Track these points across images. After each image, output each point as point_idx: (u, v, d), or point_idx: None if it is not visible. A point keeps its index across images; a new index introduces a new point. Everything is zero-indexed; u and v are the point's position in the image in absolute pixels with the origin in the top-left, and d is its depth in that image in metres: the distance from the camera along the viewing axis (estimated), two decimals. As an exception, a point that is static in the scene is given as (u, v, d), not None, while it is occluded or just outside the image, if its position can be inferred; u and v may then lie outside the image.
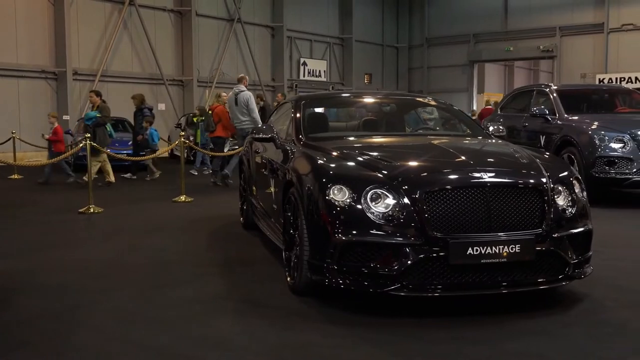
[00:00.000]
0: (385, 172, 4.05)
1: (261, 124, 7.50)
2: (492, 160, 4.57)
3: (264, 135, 5.58)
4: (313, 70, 27.91)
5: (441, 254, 3.74)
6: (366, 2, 30.33)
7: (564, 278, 4.02)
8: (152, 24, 21.62)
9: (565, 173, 4.33)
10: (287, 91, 25.86)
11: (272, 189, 5.40)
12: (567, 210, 4.09)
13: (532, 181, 4.04)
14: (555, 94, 9.98)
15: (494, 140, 5.32)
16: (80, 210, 8.42)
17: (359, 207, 3.87)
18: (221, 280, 4.92)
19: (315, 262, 4.02)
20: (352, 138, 5.34)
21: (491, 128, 5.72)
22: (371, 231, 3.82)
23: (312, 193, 4.10)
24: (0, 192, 11.53)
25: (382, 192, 3.90)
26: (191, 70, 22.54)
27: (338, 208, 3.91)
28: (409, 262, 3.74)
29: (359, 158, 4.35)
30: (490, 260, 3.76)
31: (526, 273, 3.90)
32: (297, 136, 5.19)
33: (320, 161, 4.37)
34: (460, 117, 6.09)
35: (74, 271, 5.27)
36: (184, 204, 9.35)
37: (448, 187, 3.87)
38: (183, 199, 9.50)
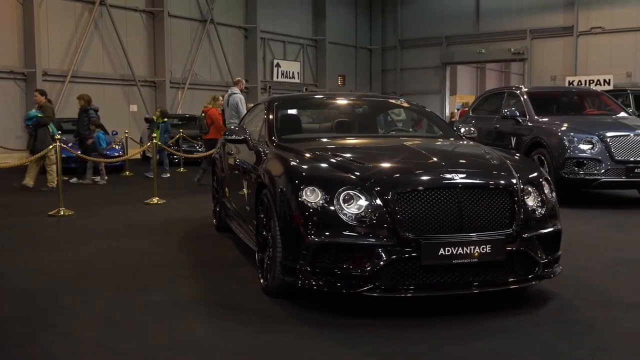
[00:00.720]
0: (358, 173, 4.06)
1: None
2: (463, 161, 4.62)
3: (236, 137, 5.55)
4: (286, 71, 27.91)
5: (413, 254, 3.77)
6: (339, 4, 30.43)
7: (534, 278, 4.08)
8: (124, 24, 21.42)
9: (535, 174, 4.39)
10: (260, 92, 25.83)
11: (245, 190, 5.38)
12: (537, 210, 4.14)
13: (502, 182, 4.08)
14: (525, 96, 10.12)
15: (465, 142, 5.37)
16: (50, 213, 8.30)
17: (332, 208, 3.88)
18: (194, 282, 4.89)
19: (288, 264, 4.02)
20: (325, 140, 5.35)
21: (462, 129, 5.78)
22: (344, 232, 3.83)
23: (285, 194, 4.10)
24: (-32, 194, 11.31)
25: (355, 194, 3.91)
26: (163, 71, 22.38)
27: (311, 209, 3.91)
28: (382, 263, 3.76)
29: (332, 160, 4.36)
30: (462, 261, 3.80)
31: (497, 273, 3.94)
32: (269, 138, 5.18)
33: (292, 163, 4.37)
34: (432, 118, 6.14)
35: (44, 275, 5.19)
36: (156, 206, 9.27)
37: (420, 188, 3.90)
38: (155, 201, 9.42)
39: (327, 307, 4.13)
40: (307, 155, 4.54)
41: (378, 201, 3.86)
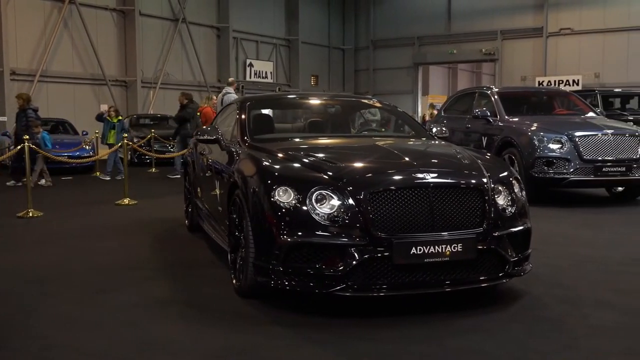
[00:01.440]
0: (331, 173, 4.07)
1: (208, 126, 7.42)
2: (435, 161, 4.65)
3: (208, 137, 5.52)
4: (259, 71, 27.83)
5: (385, 254, 3.78)
6: (312, 4, 30.44)
7: (504, 276, 4.12)
8: (94, 23, 21.15)
9: (505, 173, 4.44)
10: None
11: (217, 190, 5.35)
12: (507, 209, 4.19)
13: (473, 181, 4.12)
14: (496, 96, 10.23)
15: (437, 142, 5.41)
16: (19, 215, 8.16)
17: (304, 208, 3.88)
18: (165, 283, 4.85)
19: (261, 264, 4.01)
20: (297, 139, 5.34)
21: (434, 129, 5.82)
22: (316, 232, 3.83)
23: (257, 195, 4.09)
24: None
25: (327, 193, 3.92)
26: (135, 70, 22.15)
27: (283, 209, 3.91)
28: (354, 263, 3.77)
29: (304, 159, 4.36)
30: (434, 260, 3.83)
31: (468, 271, 3.97)
32: (242, 138, 5.16)
33: (265, 163, 4.36)
34: (404, 118, 6.18)
35: (12, 277, 5.10)
36: (127, 207, 9.17)
37: (392, 187, 3.92)
38: (127, 202, 9.32)
39: (299, 307, 4.13)
40: (280, 155, 4.53)
41: (350, 201, 3.87)
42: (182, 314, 4.09)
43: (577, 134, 8.64)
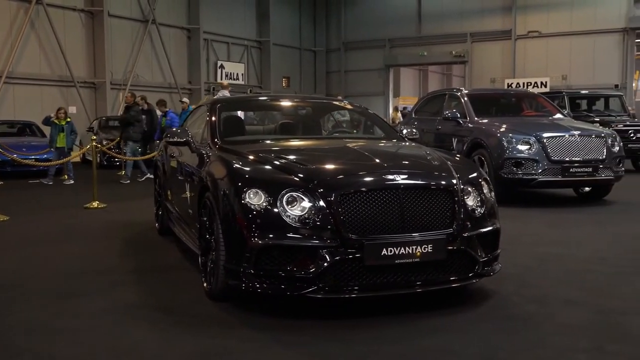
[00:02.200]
0: (301, 175, 4.07)
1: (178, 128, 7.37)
2: (405, 162, 4.68)
3: (178, 139, 5.48)
4: (231, 73, 27.69)
5: (357, 255, 3.79)
6: (283, 6, 30.40)
7: (474, 276, 4.17)
8: (62, 24, 20.83)
9: (475, 174, 4.49)
10: (204, 94, 25.55)
11: (187, 193, 5.32)
12: (477, 210, 4.24)
13: (443, 182, 4.16)
14: (466, 98, 10.33)
15: (407, 143, 5.44)
16: (-16, 219, 8.01)
17: (275, 210, 3.87)
18: (135, 288, 4.80)
19: (232, 267, 3.99)
20: (268, 142, 5.34)
21: (405, 131, 5.86)
22: (287, 234, 3.83)
23: (228, 197, 4.07)
24: None
25: (298, 195, 3.92)
26: (104, 72, 21.86)
27: (254, 212, 3.90)
28: (325, 264, 3.77)
29: (275, 162, 4.35)
30: (404, 261, 3.85)
31: (438, 272, 4.01)
32: (212, 140, 5.13)
33: (235, 165, 4.34)
34: (375, 120, 6.20)
35: (-24, 283, 5.00)
36: (96, 210, 9.05)
37: (363, 189, 3.93)
38: (96, 205, 9.20)
39: (271, 309, 4.12)
40: (250, 157, 4.52)
41: (321, 203, 3.87)
42: (152, 318, 4.05)
43: (545, 135, 8.77)
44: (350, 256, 3.79)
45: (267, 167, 4.31)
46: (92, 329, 3.85)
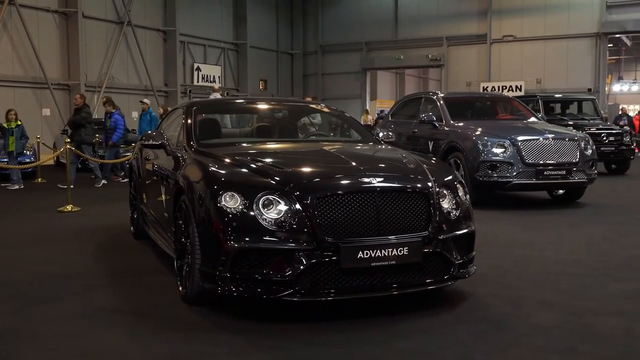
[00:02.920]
0: (278, 178, 4.06)
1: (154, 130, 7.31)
2: (381, 165, 4.69)
3: (153, 142, 5.44)
4: (207, 75, 27.56)
5: (333, 258, 3.79)
6: (260, 9, 30.35)
7: (450, 278, 4.19)
8: (35, 25, 20.57)
9: (450, 177, 4.52)
10: (180, 97, 25.40)
11: (163, 196, 5.27)
12: (452, 213, 4.26)
13: (419, 185, 4.17)
14: (442, 102, 10.39)
15: (383, 146, 5.46)
16: (-45, 223, 7.87)
17: (251, 213, 3.86)
18: (110, 292, 4.74)
19: (207, 270, 3.97)
20: (244, 144, 5.32)
21: (381, 134, 5.88)
22: (264, 237, 3.82)
23: (204, 200, 4.05)
24: None
25: (274, 199, 3.91)
26: (78, 74, 21.61)
27: (230, 215, 3.88)
28: (302, 267, 3.77)
29: (251, 165, 4.34)
30: (380, 263, 3.86)
31: (414, 274, 4.03)
32: (188, 143, 5.10)
33: (211, 168, 4.32)
34: (351, 123, 6.21)
35: (-54, 288, 4.90)
36: (70, 213, 8.94)
37: (339, 192, 3.93)
38: (69, 209, 9.09)
39: (247, 313, 4.10)
40: (226, 160, 4.50)
41: (297, 206, 3.87)
42: (126, 323, 4.01)
43: (520, 138, 8.87)
44: (327, 259, 3.79)
45: (243, 170, 4.29)
46: (64, 334, 3.79)
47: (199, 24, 27.11)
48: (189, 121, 5.37)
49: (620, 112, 24.49)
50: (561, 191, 9.77)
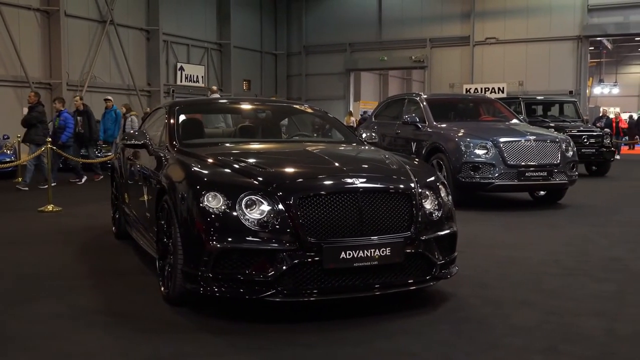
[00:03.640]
0: (260, 178, 4.05)
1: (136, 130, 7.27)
2: (364, 166, 4.70)
3: (136, 142, 5.41)
4: (190, 75, 27.43)
5: (316, 258, 3.79)
6: (244, 9, 30.27)
7: (432, 278, 4.21)
8: (16, 23, 20.33)
9: (432, 178, 4.54)
10: (163, 96, 25.26)
11: (145, 196, 5.24)
12: (434, 213, 4.28)
13: (401, 186, 4.19)
14: (425, 103, 10.44)
15: (366, 147, 5.48)
16: None
17: (234, 214, 3.85)
18: (91, 293, 4.70)
19: (190, 271, 3.95)
20: (227, 144, 5.30)
21: (364, 135, 5.89)
22: (246, 238, 3.81)
23: (186, 200, 4.03)
24: None
25: (257, 199, 3.90)
26: (60, 73, 21.39)
27: (212, 215, 3.87)
28: (284, 268, 3.77)
29: (234, 165, 4.33)
30: (363, 264, 3.87)
31: (397, 275, 4.04)
32: (170, 143, 5.07)
33: (194, 168, 4.31)
34: (334, 124, 6.22)
35: None
36: (51, 213, 8.85)
37: (322, 192, 3.94)
38: (50, 209, 9.00)
39: (229, 313, 4.09)
40: (209, 160, 4.48)
41: (280, 206, 3.86)
42: (108, 323, 3.98)
43: (502, 140, 8.93)
44: (309, 259, 3.79)
45: (226, 170, 4.28)
46: (45, 334, 3.76)
47: (182, 23, 26.98)
48: (171, 121, 5.35)
49: (600, 114, 24.79)
50: (542, 192, 9.86)
